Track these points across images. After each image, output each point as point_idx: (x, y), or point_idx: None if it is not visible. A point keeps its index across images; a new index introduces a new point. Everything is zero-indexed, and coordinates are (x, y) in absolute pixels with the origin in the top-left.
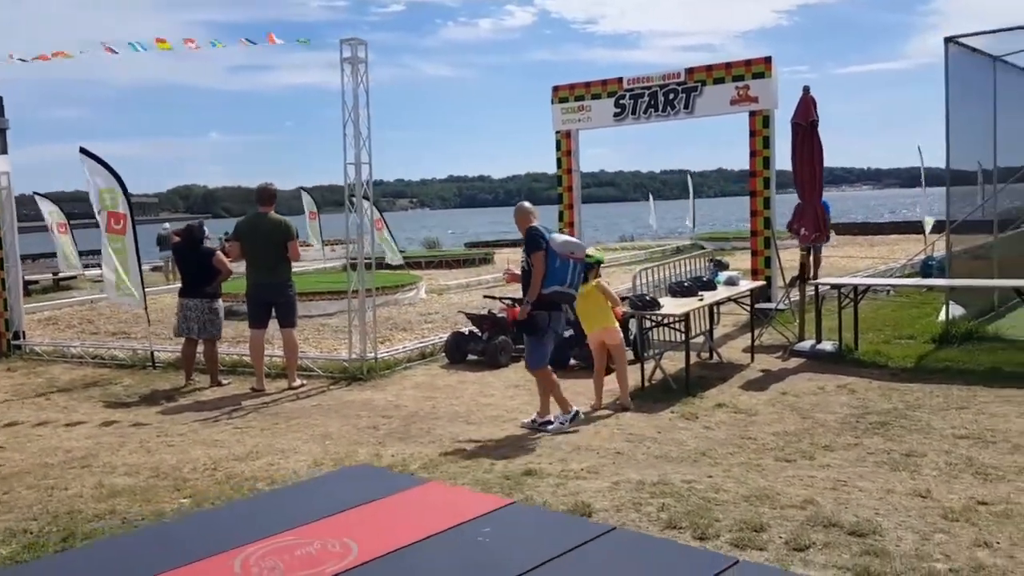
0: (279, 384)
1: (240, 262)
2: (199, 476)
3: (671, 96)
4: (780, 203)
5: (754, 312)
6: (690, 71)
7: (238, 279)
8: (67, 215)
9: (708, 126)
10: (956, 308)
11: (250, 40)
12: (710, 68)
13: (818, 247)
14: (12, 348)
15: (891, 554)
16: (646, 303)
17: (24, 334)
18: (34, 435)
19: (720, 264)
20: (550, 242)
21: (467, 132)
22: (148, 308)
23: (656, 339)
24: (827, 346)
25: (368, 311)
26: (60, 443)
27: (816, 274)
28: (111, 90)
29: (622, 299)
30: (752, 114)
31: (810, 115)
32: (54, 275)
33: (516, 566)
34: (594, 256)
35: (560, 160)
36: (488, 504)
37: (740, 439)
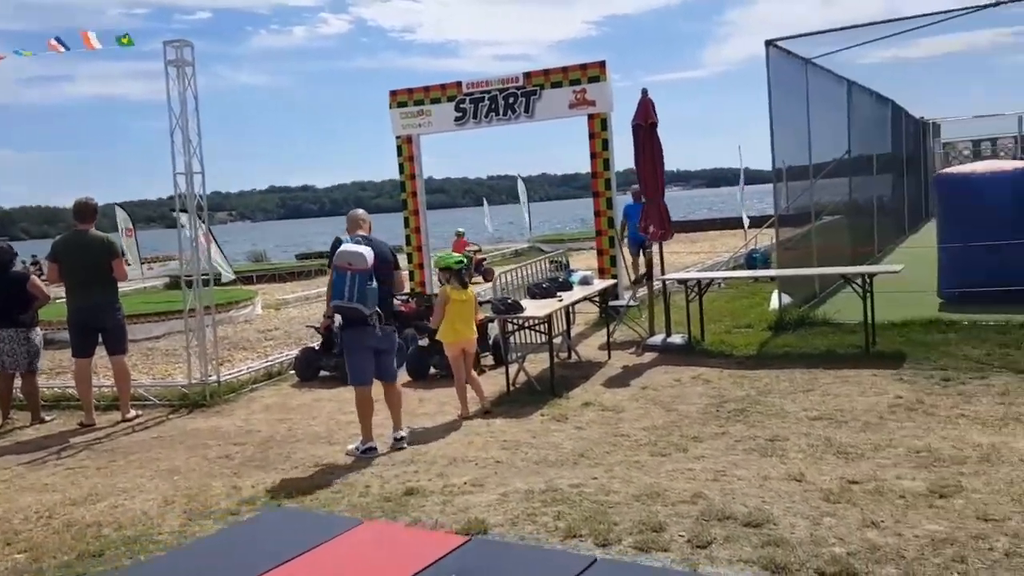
0: (111, 417)
1: (59, 286)
2: (33, 526)
3: (511, 100)
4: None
5: (608, 310)
6: (528, 75)
7: (56, 304)
8: None
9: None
10: (784, 297)
11: (62, 43)
12: (547, 72)
13: (648, 246)
14: None
15: (790, 542)
16: (509, 306)
17: None
18: None
19: (561, 266)
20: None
21: (288, 141)
22: None
23: (516, 342)
24: (677, 339)
25: (207, 330)
26: None
27: (650, 273)
28: None
29: (480, 303)
30: (590, 117)
31: (650, 116)
32: None
33: None
34: (453, 258)
35: (402, 166)
36: (444, 544)
37: (613, 437)
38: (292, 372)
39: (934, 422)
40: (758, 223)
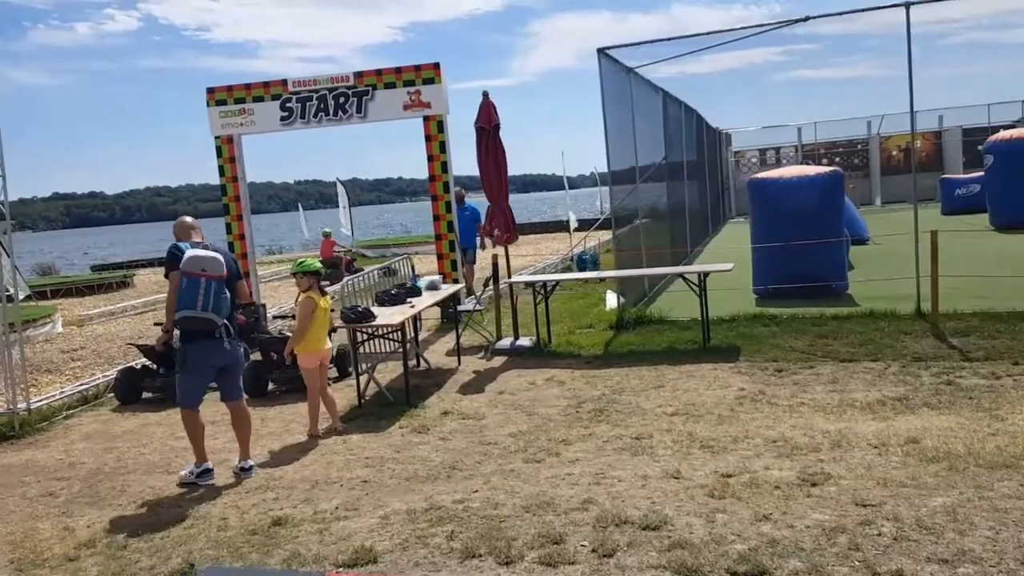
0: None
1: None
2: None
3: (342, 100)
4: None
5: (456, 315)
6: (359, 75)
7: None
8: None
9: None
10: (613, 298)
11: None
12: (380, 72)
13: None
14: None
15: (692, 543)
16: (360, 314)
17: None
18: None
19: (390, 271)
20: (183, 260)
21: (74, 145)
22: None
23: (364, 351)
24: (525, 342)
25: (15, 353)
26: None
27: (496, 277)
28: None
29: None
30: (426, 119)
31: (492, 118)
32: None
33: None
34: (312, 265)
35: (223, 167)
36: None
37: (481, 446)
38: (111, 395)
39: (779, 412)
40: (586, 227)
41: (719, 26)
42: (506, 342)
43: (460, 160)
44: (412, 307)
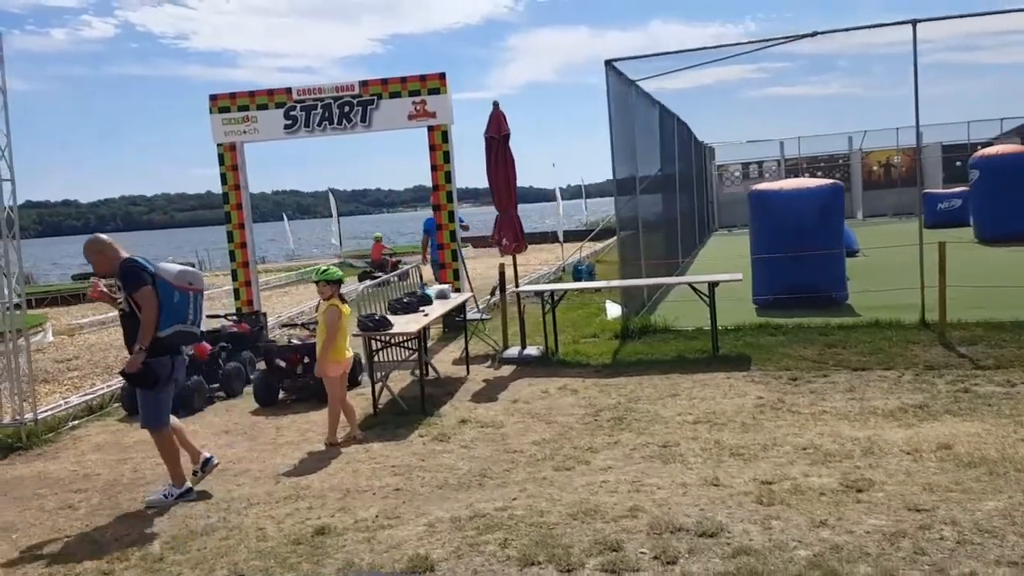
0: None
1: None
2: None
3: (347, 109)
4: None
5: (463, 324)
6: (364, 84)
7: None
8: None
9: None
10: (615, 307)
11: None
12: (385, 82)
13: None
14: None
15: (755, 550)
16: (377, 323)
17: None
18: None
19: (403, 276)
20: (161, 273)
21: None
22: None
23: (378, 360)
24: (533, 351)
25: (21, 361)
26: None
27: (503, 286)
28: None
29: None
30: (431, 128)
31: (502, 128)
32: None
33: None
34: (335, 273)
35: (225, 175)
36: None
37: (506, 454)
38: (117, 405)
39: (803, 420)
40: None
41: (696, 43)
42: (513, 351)
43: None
44: (426, 315)
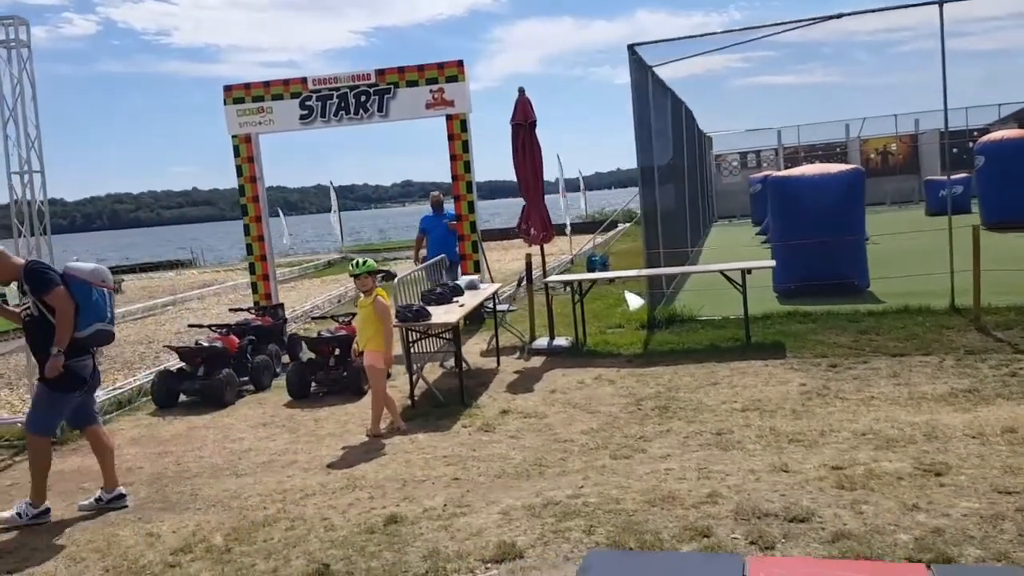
0: None
1: None
2: None
3: (363, 99)
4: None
5: (496, 315)
6: (380, 73)
7: None
8: None
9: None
10: (635, 298)
11: None
12: (402, 70)
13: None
14: None
15: (855, 534)
16: (416, 313)
17: None
18: None
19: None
20: (74, 272)
21: None
22: None
23: (413, 352)
24: (562, 341)
25: None
26: None
27: (530, 276)
28: None
29: None
30: (449, 118)
31: (529, 115)
32: None
33: None
34: (372, 264)
35: (240, 167)
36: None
37: (556, 443)
38: (146, 399)
39: (853, 405)
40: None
41: (681, 32)
42: (542, 342)
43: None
44: (462, 306)
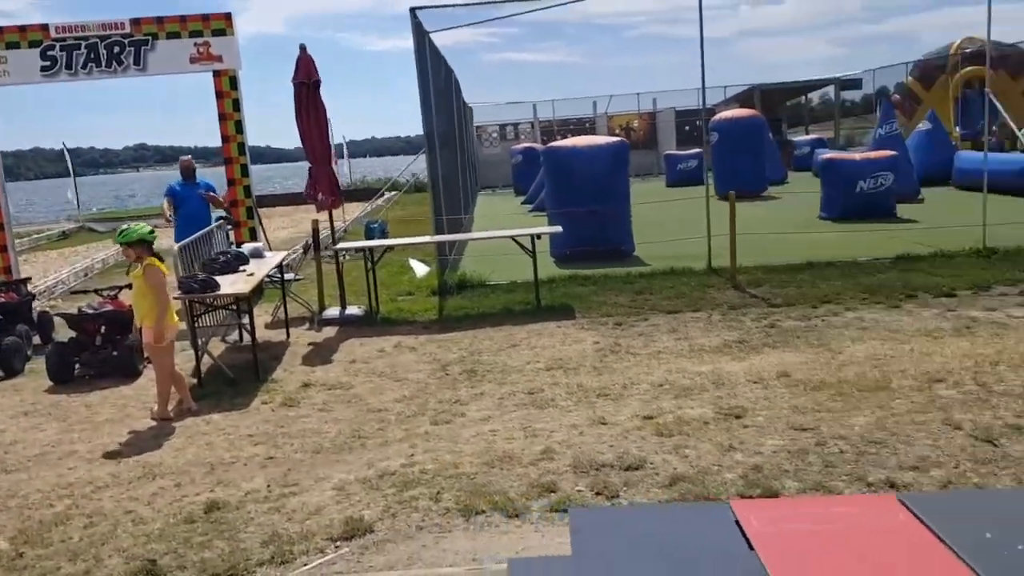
0: None
1: None
2: None
3: (116, 50)
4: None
5: (283, 284)
6: (136, 22)
7: None
8: None
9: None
10: (421, 265)
11: None
12: (161, 20)
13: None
14: None
15: (688, 476)
16: (203, 284)
17: None
18: None
19: (229, 219)
20: None
21: None
22: None
23: (198, 326)
24: (355, 310)
25: None
26: None
27: (317, 244)
28: None
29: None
30: (216, 74)
31: (312, 74)
32: None
33: None
34: (136, 231)
35: None
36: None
37: (370, 413)
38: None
39: (645, 360)
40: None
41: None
42: (334, 311)
43: (165, 126)
44: (251, 275)
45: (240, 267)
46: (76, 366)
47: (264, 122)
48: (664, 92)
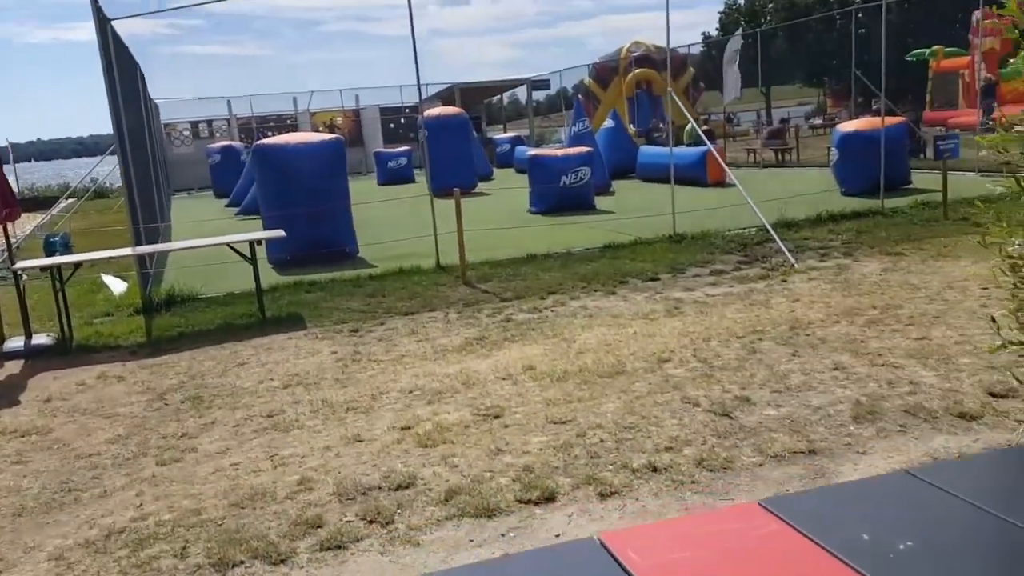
0: None
1: None
2: None
3: None
4: None
5: None
6: None
7: None
8: None
9: None
10: (117, 281)
11: None
12: None
13: None
14: None
15: (463, 488)
16: None
17: None
18: None
19: None
20: None
21: None
22: None
23: None
24: (43, 339)
25: None
26: None
27: None
28: None
29: None
30: None
31: None
32: None
33: None
34: None
35: None
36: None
37: (80, 460)
38: None
39: (390, 366)
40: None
41: None
42: (16, 343)
43: None
44: None
45: None
46: None
47: None
48: (367, 89)
